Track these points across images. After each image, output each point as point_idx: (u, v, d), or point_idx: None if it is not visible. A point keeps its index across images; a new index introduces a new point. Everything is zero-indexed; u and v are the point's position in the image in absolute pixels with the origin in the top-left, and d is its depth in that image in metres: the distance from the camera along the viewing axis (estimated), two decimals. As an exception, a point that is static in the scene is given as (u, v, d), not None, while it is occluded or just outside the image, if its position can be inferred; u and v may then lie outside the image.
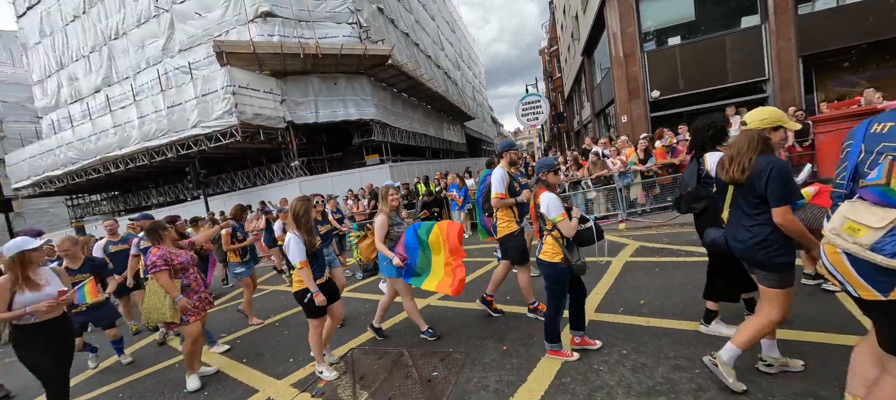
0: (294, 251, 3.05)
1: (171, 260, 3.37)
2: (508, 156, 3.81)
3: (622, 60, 12.65)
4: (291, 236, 3.09)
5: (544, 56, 42.62)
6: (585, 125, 23.22)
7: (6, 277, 2.71)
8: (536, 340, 3.32)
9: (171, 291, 3.29)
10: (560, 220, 2.72)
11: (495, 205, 3.70)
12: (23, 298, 2.69)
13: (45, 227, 28.47)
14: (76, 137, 17.60)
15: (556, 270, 2.78)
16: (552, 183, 2.86)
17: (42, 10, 19.65)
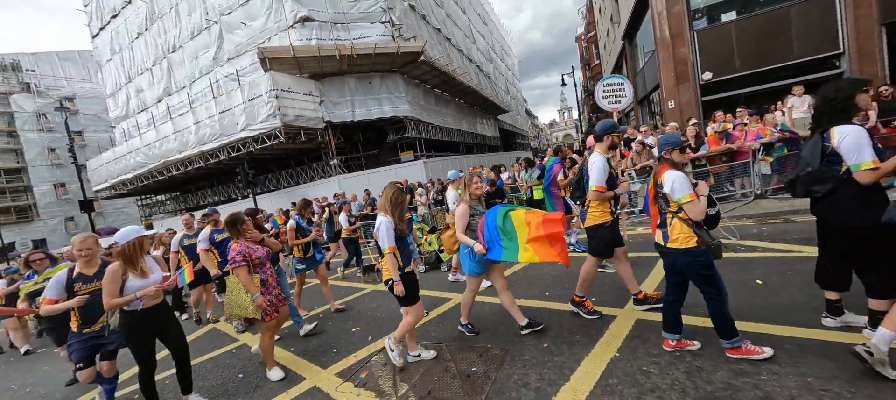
0: (384, 236, 3.01)
1: (249, 254, 3.33)
2: (609, 139, 3.39)
3: (668, 42, 11.81)
4: (384, 220, 3.04)
5: (581, 43, 40.89)
6: (627, 113, 21.99)
7: (118, 263, 2.81)
8: (578, 338, 3.20)
9: (250, 287, 3.24)
10: (687, 201, 2.43)
11: (595, 199, 3.36)
12: (133, 283, 2.79)
13: (119, 224, 31.83)
14: (143, 144, 19.44)
15: (695, 255, 2.47)
16: (678, 161, 2.57)
17: (112, 30, 21.81)
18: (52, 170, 35.59)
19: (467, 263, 3.39)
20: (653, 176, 2.71)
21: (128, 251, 2.84)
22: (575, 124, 72.76)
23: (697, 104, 11.75)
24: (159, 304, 2.99)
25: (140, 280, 2.83)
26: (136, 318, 2.86)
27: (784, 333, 2.71)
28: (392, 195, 3.13)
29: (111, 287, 2.75)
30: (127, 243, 2.85)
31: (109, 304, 2.74)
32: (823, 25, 10.14)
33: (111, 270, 2.76)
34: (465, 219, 3.31)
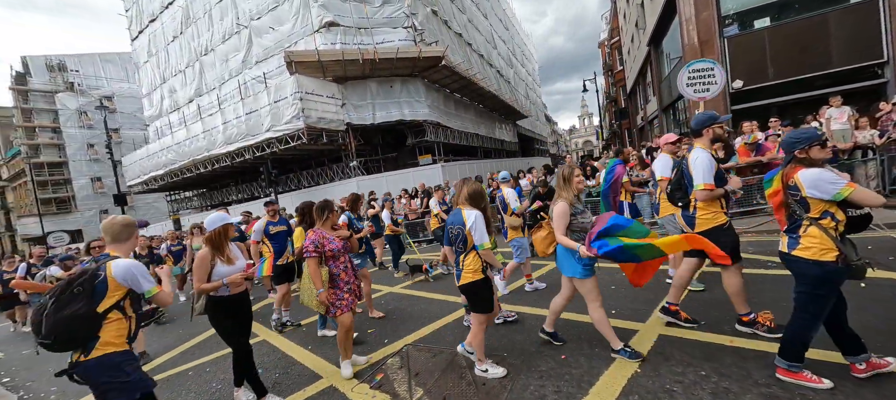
0: (482, 229, 2.81)
1: (322, 245, 3.16)
2: (711, 132, 3.05)
3: (697, 48, 11.48)
4: (474, 213, 2.84)
5: (604, 49, 40.25)
6: (651, 121, 21.47)
7: (207, 249, 2.82)
8: (598, 350, 3.12)
9: (316, 280, 3.11)
10: (848, 193, 2.03)
11: (704, 198, 3.00)
12: (220, 270, 2.79)
13: (150, 218, 33.31)
14: (174, 142, 20.31)
15: (827, 270, 2.15)
16: (817, 158, 2.18)
17: (150, 34, 22.97)
18: (90, 164, 37.62)
19: (570, 265, 2.95)
20: (780, 178, 2.35)
21: (214, 238, 2.86)
22: (596, 131, 71.46)
23: (727, 113, 11.34)
24: (243, 292, 3.00)
25: (227, 267, 2.82)
26: (223, 304, 2.87)
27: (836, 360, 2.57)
28: (474, 189, 2.93)
29: (200, 273, 2.76)
30: (214, 230, 2.86)
31: (199, 288, 2.76)
32: (865, 33, 9.62)
33: (201, 256, 2.78)
34: (565, 218, 2.90)
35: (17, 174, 39.03)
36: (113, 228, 2.14)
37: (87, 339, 1.94)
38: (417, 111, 17.61)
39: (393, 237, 7.23)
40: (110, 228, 2.14)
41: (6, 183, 41.79)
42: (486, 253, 2.86)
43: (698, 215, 3.10)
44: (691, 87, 7.29)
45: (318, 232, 3.22)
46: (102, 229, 2.15)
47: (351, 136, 17.01)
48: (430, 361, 3.45)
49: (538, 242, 3.22)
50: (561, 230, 2.91)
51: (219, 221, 2.89)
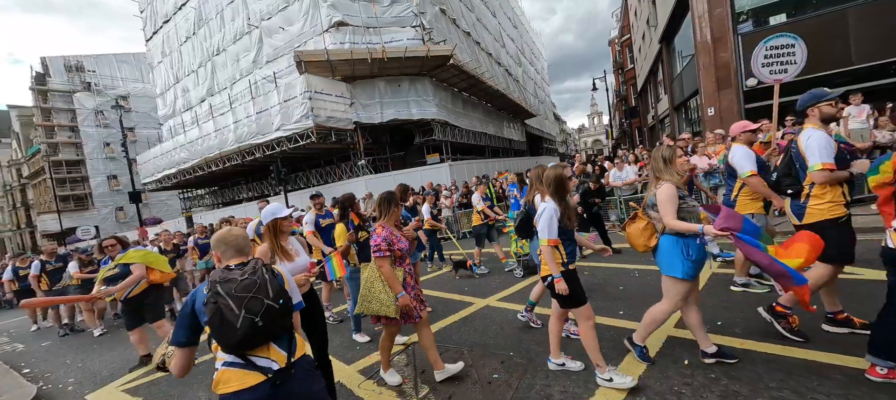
0: (546, 224, 2.55)
1: (392, 244, 2.78)
2: (820, 110, 2.74)
3: (710, 46, 11.29)
4: (549, 205, 2.60)
5: (614, 47, 39.78)
6: (662, 120, 21.17)
7: (265, 244, 2.56)
8: (605, 350, 3.08)
9: (394, 284, 2.73)
10: None
11: (823, 180, 2.61)
12: (283, 269, 2.58)
13: (163, 215, 34.01)
14: (187, 140, 20.68)
15: None
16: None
17: (163, 34, 23.41)
18: (106, 163, 38.51)
19: (674, 263, 2.55)
20: (892, 166, 2.19)
21: (265, 232, 2.59)
22: (605, 130, 70.67)
23: (740, 111, 11.13)
24: (308, 292, 2.64)
25: (288, 264, 2.51)
26: (308, 301, 2.56)
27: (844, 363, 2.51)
28: (556, 176, 2.64)
29: None
30: (268, 223, 2.58)
31: None
32: (886, 29, 9.34)
33: (261, 252, 2.50)
34: (674, 202, 2.50)
35: (37, 172, 40.17)
36: (238, 241, 1.82)
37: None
38: (425, 110, 17.64)
39: (430, 232, 6.86)
40: (236, 241, 1.81)
41: (27, 180, 43.04)
42: (545, 251, 2.59)
43: (811, 204, 2.72)
44: (768, 68, 6.24)
45: (387, 228, 2.83)
46: (227, 242, 1.80)
47: (359, 135, 17.12)
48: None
49: (636, 234, 2.75)
50: (672, 214, 2.49)
51: (270, 215, 2.59)
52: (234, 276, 1.57)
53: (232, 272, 1.60)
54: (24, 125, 41.99)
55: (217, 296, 1.51)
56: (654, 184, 2.65)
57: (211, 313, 1.50)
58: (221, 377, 1.55)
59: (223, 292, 1.51)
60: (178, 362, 1.61)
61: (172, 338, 1.60)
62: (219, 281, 1.55)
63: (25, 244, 43.55)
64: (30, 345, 6.59)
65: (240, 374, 1.53)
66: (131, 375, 4.28)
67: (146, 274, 4.25)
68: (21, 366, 5.27)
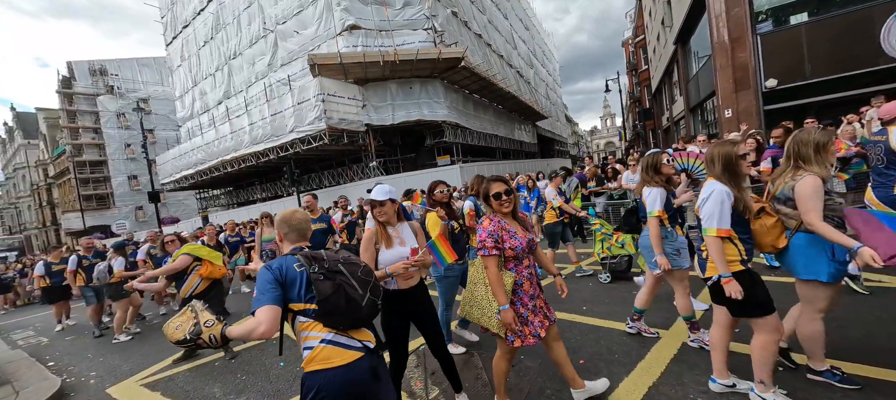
0: (713, 210, 2.11)
1: (502, 239, 2.22)
2: None
3: (727, 46, 11.06)
4: (720, 187, 2.14)
5: (628, 48, 39.27)
6: (677, 122, 20.79)
7: (371, 229, 2.41)
8: (618, 357, 3.06)
9: (497, 290, 2.16)
10: None
11: None
12: (384, 256, 2.31)
13: (180, 215, 34.89)
14: (204, 142, 21.20)
15: None
16: None
17: (183, 39, 24.07)
18: (127, 163, 39.73)
19: (817, 265, 2.16)
20: None
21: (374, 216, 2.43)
22: (618, 132, 69.70)
23: (759, 113, 10.86)
24: (417, 285, 2.44)
25: (389, 252, 2.31)
26: (391, 298, 2.36)
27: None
28: (725, 154, 2.19)
29: (365, 256, 2.32)
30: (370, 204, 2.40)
31: None
32: (916, 27, 9.00)
33: (365, 237, 2.37)
34: (821, 198, 2.06)
35: (62, 172, 41.71)
36: (302, 225, 1.83)
37: None
38: (436, 112, 17.71)
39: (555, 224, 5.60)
40: (299, 224, 1.82)
41: (53, 180, 44.73)
42: (711, 244, 2.13)
43: None
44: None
45: (495, 219, 2.26)
46: (291, 224, 1.81)
47: (371, 137, 17.28)
48: (447, 360, 3.47)
49: (763, 233, 2.27)
50: (818, 213, 2.04)
51: (381, 195, 2.36)
52: (351, 258, 1.69)
53: (338, 253, 1.71)
54: (50, 127, 43.66)
55: (337, 274, 1.56)
56: (791, 174, 2.21)
57: (331, 290, 1.52)
58: (321, 354, 1.55)
59: (347, 272, 1.58)
60: (269, 317, 1.47)
61: (256, 302, 1.51)
62: (341, 262, 1.63)
63: (50, 241, 45.18)
64: (54, 339, 6.83)
65: (340, 351, 1.57)
66: (149, 369, 4.40)
67: (186, 266, 4.20)
68: (46, 359, 5.47)
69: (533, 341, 2.21)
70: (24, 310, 11.46)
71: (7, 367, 4.86)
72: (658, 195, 2.91)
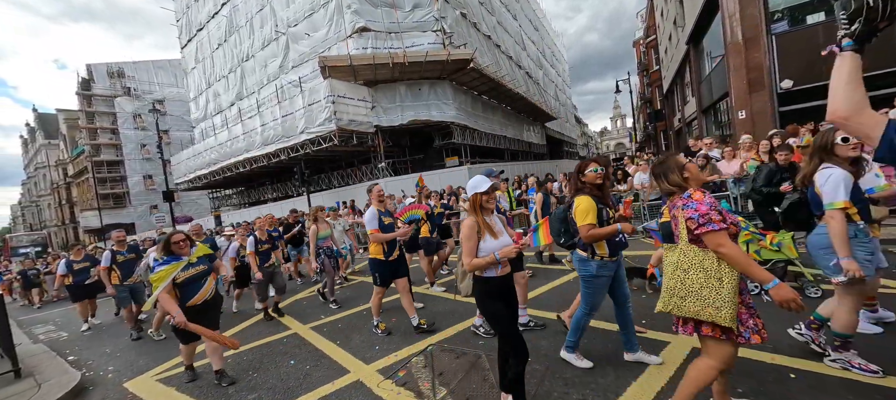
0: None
1: (723, 214, 1.87)
2: None
3: (741, 46, 10.88)
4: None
5: (639, 48, 38.82)
6: (689, 123, 20.49)
7: (473, 218, 2.37)
8: (627, 361, 3.04)
9: (751, 267, 1.78)
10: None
11: None
12: (489, 244, 2.30)
13: (194, 214, 35.55)
14: (217, 143, 21.61)
15: None
16: None
17: (197, 41, 24.58)
18: (142, 163, 40.70)
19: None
20: None
21: (468, 206, 2.41)
22: (628, 133, 68.86)
23: (774, 114, 10.64)
24: (509, 274, 2.44)
25: (495, 241, 2.32)
26: (492, 285, 2.37)
27: None
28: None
29: (468, 245, 2.30)
30: (474, 195, 2.37)
31: (470, 265, 2.30)
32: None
33: (468, 226, 2.33)
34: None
35: (81, 171, 42.89)
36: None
37: None
38: (445, 113, 17.76)
39: None
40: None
41: (72, 179, 46.03)
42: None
43: None
44: None
45: (707, 194, 1.94)
46: None
47: (380, 138, 17.40)
48: (455, 361, 3.49)
49: None
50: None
51: (474, 188, 2.37)
52: None
53: None
54: (70, 127, 44.95)
55: None
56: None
57: None
58: None
59: None
60: None
61: None
62: None
63: (69, 239, 46.48)
64: (73, 334, 7.03)
65: None
66: (165, 365, 4.51)
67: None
68: (66, 353, 5.64)
69: (758, 339, 1.83)
70: (49, 305, 11.79)
71: (30, 360, 5.03)
72: (841, 180, 2.31)
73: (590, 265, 2.84)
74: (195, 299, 3.56)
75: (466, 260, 2.28)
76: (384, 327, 4.42)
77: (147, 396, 3.77)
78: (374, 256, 4.26)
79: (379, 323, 4.45)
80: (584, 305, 3.01)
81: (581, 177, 2.87)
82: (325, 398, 3.17)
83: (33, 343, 6.43)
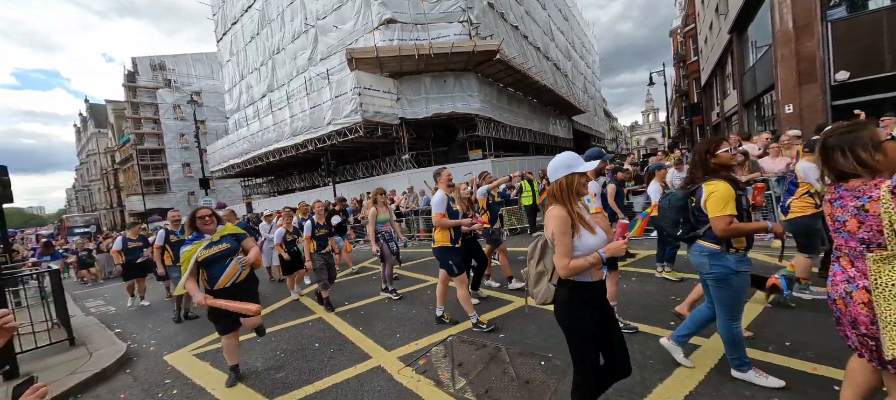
0: None
1: None
2: None
3: (791, 35, 10.12)
4: None
5: (676, 38, 36.88)
6: (729, 117, 19.38)
7: (562, 208, 1.83)
8: (652, 362, 2.94)
9: None
10: None
11: None
12: (589, 241, 1.81)
13: (227, 201, 37.26)
14: (249, 133, 22.45)
15: None
16: None
17: (232, 35, 25.49)
18: (181, 152, 42.95)
19: None
20: None
21: (557, 191, 1.86)
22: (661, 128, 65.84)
23: (826, 109, 9.86)
24: (601, 280, 1.94)
25: (594, 237, 1.84)
26: (585, 296, 1.87)
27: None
28: None
29: (564, 240, 1.79)
30: (559, 180, 1.86)
31: (570, 267, 1.78)
32: None
33: (560, 218, 1.80)
34: None
35: (127, 159, 45.86)
36: None
37: None
38: (469, 105, 17.63)
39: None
40: None
41: (118, 166, 49.30)
42: None
43: None
44: None
45: None
46: None
47: (404, 130, 17.52)
48: (474, 353, 3.49)
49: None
50: None
51: (568, 167, 1.84)
52: None
53: None
54: (117, 117, 48.02)
55: None
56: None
57: None
58: None
59: None
60: None
61: None
62: None
63: (116, 222, 49.98)
64: (120, 308, 7.58)
65: None
66: (200, 341, 4.79)
67: None
68: (113, 326, 6.09)
69: None
70: (102, 284, 12.74)
71: (82, 330, 5.47)
72: None
73: (725, 260, 2.32)
74: (221, 281, 3.24)
75: (563, 262, 1.78)
76: (449, 317, 4.23)
77: (184, 368, 4.02)
78: (441, 244, 3.97)
79: (444, 313, 4.27)
80: (725, 312, 2.42)
81: (711, 158, 2.34)
82: (347, 381, 3.26)
83: (85, 316, 6.99)
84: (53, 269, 5.36)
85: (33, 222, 67.52)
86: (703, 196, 2.33)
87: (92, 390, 3.77)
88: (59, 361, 4.38)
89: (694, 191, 2.44)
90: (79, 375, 3.89)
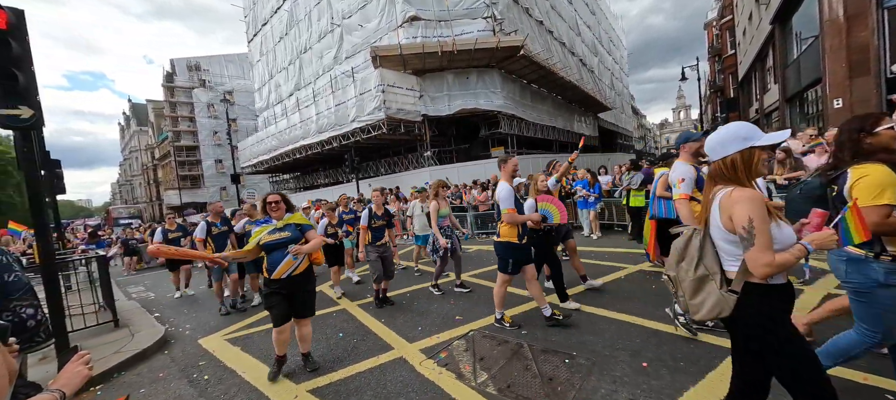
0: None
1: None
2: None
3: (842, 24, 9.42)
4: None
5: (712, 30, 35.17)
6: (769, 113, 18.32)
7: (752, 191, 1.49)
8: (683, 364, 2.82)
9: None
10: None
11: None
12: (781, 231, 1.45)
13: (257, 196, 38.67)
14: (277, 130, 23.21)
15: None
16: None
17: (262, 36, 26.40)
18: (214, 149, 44.98)
19: None
20: None
21: (729, 170, 1.53)
22: (693, 125, 62.86)
23: (880, 103, 9.11)
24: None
25: (788, 228, 1.48)
26: (781, 296, 1.50)
27: None
28: None
29: (766, 229, 1.40)
30: (731, 156, 1.51)
31: (775, 263, 1.39)
32: None
33: (755, 201, 1.42)
34: None
35: (165, 155, 48.54)
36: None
37: None
38: (492, 102, 17.50)
39: None
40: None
41: (158, 161, 52.24)
42: None
43: None
44: None
45: None
46: None
47: (426, 127, 17.60)
48: (496, 348, 3.47)
49: None
50: None
51: (747, 139, 1.48)
52: None
53: None
54: (157, 116, 50.85)
55: None
56: None
57: None
58: None
59: None
60: None
61: None
62: None
63: (155, 215, 53.00)
64: (159, 295, 8.03)
65: None
66: (232, 327, 5.00)
67: None
68: (152, 310, 6.46)
69: None
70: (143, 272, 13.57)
71: (125, 314, 5.84)
72: None
73: (873, 270, 1.85)
74: (279, 271, 3.18)
75: (765, 258, 1.39)
76: (510, 320, 3.93)
77: (217, 352, 4.21)
78: (506, 239, 3.72)
79: (504, 315, 3.96)
80: (871, 329, 1.94)
81: (866, 137, 1.87)
82: (370, 370, 3.31)
83: (128, 300, 7.45)
84: (101, 255, 5.73)
85: (82, 214, 72.72)
86: (848, 182, 1.85)
87: (134, 369, 4.02)
88: (104, 340, 4.69)
89: (836, 177, 1.94)
90: (122, 354, 4.16)
